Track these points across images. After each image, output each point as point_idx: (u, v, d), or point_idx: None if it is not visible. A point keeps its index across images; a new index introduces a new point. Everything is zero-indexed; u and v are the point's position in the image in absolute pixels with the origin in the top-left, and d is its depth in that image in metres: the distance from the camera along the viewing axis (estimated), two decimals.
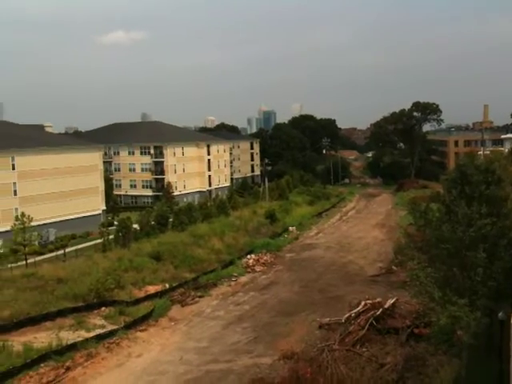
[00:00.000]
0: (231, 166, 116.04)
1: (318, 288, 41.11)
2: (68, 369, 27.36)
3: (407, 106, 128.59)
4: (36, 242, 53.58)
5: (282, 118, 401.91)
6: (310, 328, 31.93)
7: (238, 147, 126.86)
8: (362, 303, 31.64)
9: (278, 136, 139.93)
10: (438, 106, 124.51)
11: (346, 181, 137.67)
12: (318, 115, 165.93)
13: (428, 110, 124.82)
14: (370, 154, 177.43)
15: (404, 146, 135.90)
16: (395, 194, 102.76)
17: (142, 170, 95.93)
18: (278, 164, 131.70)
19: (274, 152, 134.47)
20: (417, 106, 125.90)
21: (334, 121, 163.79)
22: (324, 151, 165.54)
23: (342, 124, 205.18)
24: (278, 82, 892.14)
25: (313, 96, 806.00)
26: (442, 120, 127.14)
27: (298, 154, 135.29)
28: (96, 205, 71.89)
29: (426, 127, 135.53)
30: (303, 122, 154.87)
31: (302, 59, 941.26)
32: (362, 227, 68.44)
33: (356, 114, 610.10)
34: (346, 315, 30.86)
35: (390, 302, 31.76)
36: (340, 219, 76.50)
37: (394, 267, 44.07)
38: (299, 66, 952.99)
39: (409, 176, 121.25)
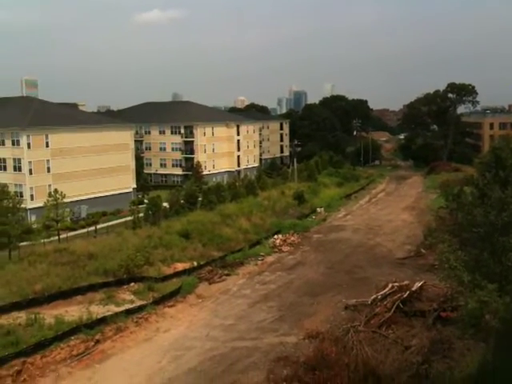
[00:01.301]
0: (260, 147, 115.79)
1: (344, 269, 41.08)
2: (97, 342, 28.18)
3: (442, 86, 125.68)
4: (68, 218, 54.63)
5: (313, 98, 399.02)
6: (336, 309, 32.02)
7: (268, 128, 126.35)
8: (389, 285, 31.52)
9: (308, 117, 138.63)
10: (473, 87, 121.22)
11: (377, 163, 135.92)
12: (350, 96, 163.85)
13: (463, 91, 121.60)
14: (401, 136, 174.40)
15: (437, 128, 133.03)
16: (426, 177, 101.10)
17: (173, 149, 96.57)
18: (307, 145, 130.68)
19: (304, 133, 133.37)
20: (452, 87, 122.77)
21: (366, 101, 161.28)
22: (355, 132, 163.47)
23: (374, 105, 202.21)
24: (309, 62, 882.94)
25: (345, 76, 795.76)
26: (477, 102, 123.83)
27: (328, 135, 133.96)
28: (127, 183, 72.86)
29: (461, 109, 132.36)
30: (334, 103, 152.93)
31: (335, 38, 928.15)
32: (391, 210, 67.74)
33: (388, 94, 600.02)
34: (373, 297, 30.82)
35: (418, 284, 31.56)
36: (369, 201, 75.83)
37: (422, 250, 43.65)
38: (331, 45, 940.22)
39: (441, 159, 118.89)
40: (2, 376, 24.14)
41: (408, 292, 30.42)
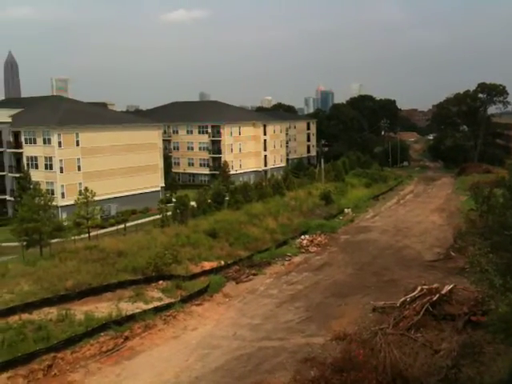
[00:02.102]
0: (287, 147, 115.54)
1: (372, 271, 40.74)
2: (126, 338, 28.56)
3: (472, 86, 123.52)
4: (98, 216, 55.42)
5: (340, 98, 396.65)
6: (364, 311, 31.79)
7: (295, 127, 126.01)
8: (418, 288, 31.13)
9: (335, 116, 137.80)
10: (504, 87, 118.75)
11: (405, 163, 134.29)
12: (378, 95, 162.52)
13: (494, 91, 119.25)
14: (430, 137, 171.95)
15: (467, 129, 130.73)
16: (456, 178, 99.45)
17: (200, 148, 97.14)
18: (334, 145, 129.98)
19: (331, 133, 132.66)
20: (482, 87, 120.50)
21: (394, 101, 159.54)
22: (383, 133, 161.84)
23: (403, 105, 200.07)
24: (336, 62, 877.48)
25: (373, 76, 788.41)
26: (508, 102, 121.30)
27: (356, 135, 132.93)
28: (155, 182, 73.64)
29: (491, 109, 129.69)
30: (362, 103, 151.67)
31: (363, 38, 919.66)
32: (420, 211, 66.87)
33: (417, 94, 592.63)
34: (401, 299, 30.49)
35: (448, 288, 31.10)
36: (397, 202, 75.00)
37: (452, 253, 43.00)
38: (359, 45, 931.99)
39: (471, 160, 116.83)
40: (34, 370, 24.65)
41: (438, 295, 30.00)
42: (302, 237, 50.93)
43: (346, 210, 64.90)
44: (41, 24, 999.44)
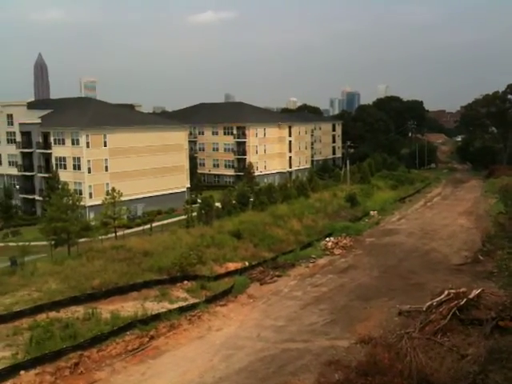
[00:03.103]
0: (312, 148, 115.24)
1: (398, 274, 40.30)
2: (152, 338, 28.80)
3: (501, 87, 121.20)
4: (125, 216, 56.14)
5: (366, 99, 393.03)
6: (389, 314, 31.47)
7: (320, 129, 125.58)
8: (445, 292, 30.67)
9: (361, 118, 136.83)
10: None
11: (433, 165, 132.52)
12: (405, 97, 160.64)
13: None
14: (459, 138, 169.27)
15: (496, 131, 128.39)
16: (485, 181, 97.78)
17: (225, 149, 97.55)
18: (360, 146, 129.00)
19: (357, 134, 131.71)
20: None
21: (422, 102, 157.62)
22: (410, 134, 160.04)
23: (430, 106, 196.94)
24: (362, 63, 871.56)
25: (400, 77, 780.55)
26: None
27: (382, 137, 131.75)
28: (181, 182, 74.20)
29: None
30: (388, 104, 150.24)
31: (389, 39, 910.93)
32: (447, 214, 65.91)
33: (445, 95, 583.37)
34: (428, 303, 30.09)
35: (475, 292, 30.56)
36: (424, 205, 74.07)
37: (480, 257, 42.29)
38: (386, 46, 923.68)
39: (500, 162, 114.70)
40: (61, 368, 25.01)
41: (465, 299, 29.50)
42: (327, 239, 50.68)
43: (371, 212, 64.36)
44: (69, 27, 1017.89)
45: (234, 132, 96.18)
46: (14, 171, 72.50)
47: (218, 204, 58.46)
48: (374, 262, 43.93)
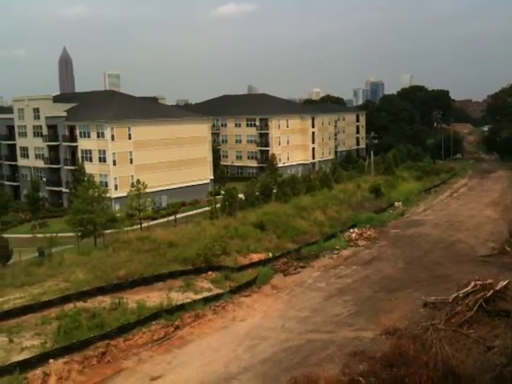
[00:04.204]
0: (335, 139, 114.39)
1: (423, 266, 39.94)
2: (177, 328, 29.14)
3: None
4: (150, 208, 56.64)
5: (391, 89, 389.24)
6: (414, 306, 31.22)
7: (343, 119, 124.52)
8: (472, 283, 30.23)
9: (385, 108, 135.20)
10: None
11: (459, 156, 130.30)
12: (430, 86, 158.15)
13: None
14: (485, 128, 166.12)
15: None
16: None
17: (248, 141, 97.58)
18: (384, 137, 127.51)
19: (381, 125, 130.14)
20: None
21: (447, 92, 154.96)
22: (435, 124, 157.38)
23: (456, 95, 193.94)
24: (386, 52, 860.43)
25: (424, 66, 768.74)
26: None
27: (407, 127, 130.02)
28: (205, 174, 74.55)
29: None
30: (413, 94, 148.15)
31: (414, 28, 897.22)
32: (473, 205, 64.93)
33: (471, 85, 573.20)
34: (454, 295, 29.72)
35: (503, 283, 30.05)
36: (450, 196, 73.08)
37: (507, 248, 41.63)
38: (410, 35, 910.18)
39: None
40: (88, 357, 25.48)
41: (492, 291, 29.04)
42: (351, 230, 50.44)
43: (396, 203, 63.79)
44: (93, 21, 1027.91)
45: (257, 124, 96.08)
46: (40, 164, 73.76)
47: (241, 195, 58.62)
48: (398, 254, 43.60)
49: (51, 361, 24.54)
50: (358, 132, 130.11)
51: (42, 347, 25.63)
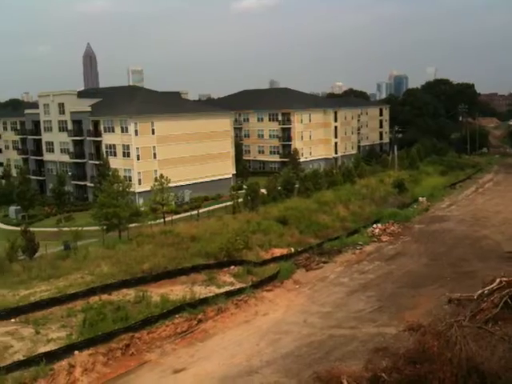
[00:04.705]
0: (358, 133, 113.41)
1: (448, 262, 39.50)
2: (200, 321, 29.40)
3: None
4: (173, 202, 56.92)
5: (415, 82, 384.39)
6: (438, 302, 30.93)
7: (367, 114, 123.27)
8: (497, 280, 29.76)
9: (409, 102, 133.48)
10: None
11: (484, 150, 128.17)
12: (455, 79, 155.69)
13: None
14: (511, 122, 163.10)
15: None
16: None
17: (270, 136, 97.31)
18: (408, 131, 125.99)
19: (405, 119, 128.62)
20: None
21: (473, 85, 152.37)
22: (460, 118, 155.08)
23: (482, 89, 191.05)
24: (410, 45, 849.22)
25: (449, 59, 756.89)
26: None
27: (431, 121, 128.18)
28: (227, 169, 74.67)
29: None
30: (438, 87, 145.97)
31: (439, 21, 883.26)
32: (500, 200, 63.88)
33: (497, 78, 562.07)
34: (479, 292, 29.34)
35: None
36: (475, 191, 72.00)
37: None
38: (435, 28, 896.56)
39: None
40: (113, 349, 25.88)
41: None
42: (374, 225, 50.10)
43: (420, 198, 63.11)
44: (116, 17, 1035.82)
45: (279, 118, 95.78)
46: (66, 158, 74.75)
47: (263, 190, 58.61)
48: (422, 250, 43.18)
49: (76, 352, 24.97)
50: (381, 126, 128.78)
51: (68, 339, 26.10)
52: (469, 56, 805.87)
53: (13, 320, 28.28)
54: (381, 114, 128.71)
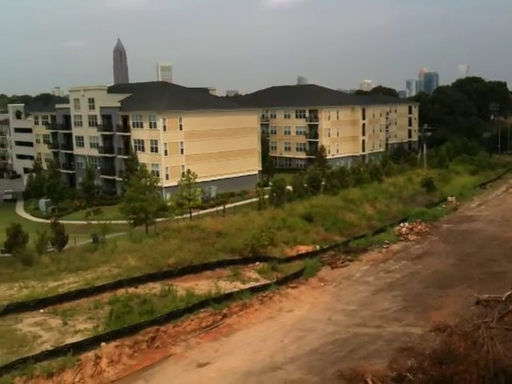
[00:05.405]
0: (387, 131, 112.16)
1: (476, 262, 38.84)
2: (224, 316, 29.56)
3: None
4: (199, 198, 57.28)
5: (445, 80, 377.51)
6: (466, 303, 30.38)
7: (395, 111, 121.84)
8: None
9: (439, 100, 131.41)
10: None
11: None
12: (487, 77, 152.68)
13: None
14: None
15: None
16: None
17: (297, 133, 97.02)
18: (438, 130, 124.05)
19: (435, 117, 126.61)
20: None
21: (505, 84, 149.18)
22: (492, 117, 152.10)
23: None
24: (441, 42, 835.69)
25: (482, 57, 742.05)
26: None
27: (462, 120, 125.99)
28: (253, 165, 74.76)
29: None
30: (469, 85, 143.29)
31: (470, 19, 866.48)
32: None
33: None
34: (508, 293, 28.73)
35: None
36: (506, 191, 70.53)
37: None
38: (466, 26, 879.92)
39: None
40: (139, 341, 26.23)
41: None
42: (401, 224, 49.55)
43: (449, 198, 62.13)
44: (146, 13, 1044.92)
45: (307, 115, 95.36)
46: (95, 153, 75.90)
47: (289, 187, 58.52)
48: (450, 249, 42.55)
49: (103, 344, 25.38)
50: (410, 124, 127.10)
51: (95, 330, 26.52)
52: (502, 54, 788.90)
53: (41, 311, 28.89)
54: (410, 112, 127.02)
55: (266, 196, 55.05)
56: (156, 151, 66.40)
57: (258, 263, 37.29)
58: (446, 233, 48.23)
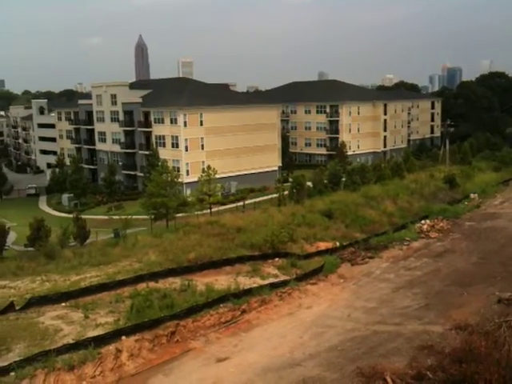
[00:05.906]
0: (409, 127, 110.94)
1: (498, 260, 38.27)
2: (244, 311, 29.66)
3: None
4: (219, 193, 57.52)
5: (469, 75, 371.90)
6: (488, 301, 30.06)
7: (418, 107, 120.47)
8: None
9: (462, 95, 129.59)
10: None
11: None
12: (511, 72, 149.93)
13: None
14: None
15: None
16: None
17: (317, 128, 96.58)
18: (461, 125, 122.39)
19: (458, 112, 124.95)
20: None
21: None
22: None
23: None
24: (464, 38, 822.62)
25: (506, 52, 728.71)
26: None
27: (486, 115, 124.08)
28: (273, 161, 74.73)
29: None
30: (493, 80, 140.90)
31: (494, 12, 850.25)
32: None
33: None
34: None
35: None
36: None
37: None
38: (490, 19, 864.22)
39: None
40: (158, 335, 26.44)
41: None
42: (423, 221, 49.05)
43: (471, 194, 61.31)
44: (168, 9, 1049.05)
45: (327, 110, 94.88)
46: (117, 148, 76.65)
47: (309, 183, 58.37)
48: (472, 247, 42.01)
49: (123, 338, 25.65)
50: (432, 120, 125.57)
51: (115, 324, 26.82)
52: None
53: (63, 304, 29.33)
54: (432, 108, 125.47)
55: (286, 192, 54.98)
56: (177, 147, 66.79)
57: (277, 259, 37.30)
58: (468, 230, 47.62)
